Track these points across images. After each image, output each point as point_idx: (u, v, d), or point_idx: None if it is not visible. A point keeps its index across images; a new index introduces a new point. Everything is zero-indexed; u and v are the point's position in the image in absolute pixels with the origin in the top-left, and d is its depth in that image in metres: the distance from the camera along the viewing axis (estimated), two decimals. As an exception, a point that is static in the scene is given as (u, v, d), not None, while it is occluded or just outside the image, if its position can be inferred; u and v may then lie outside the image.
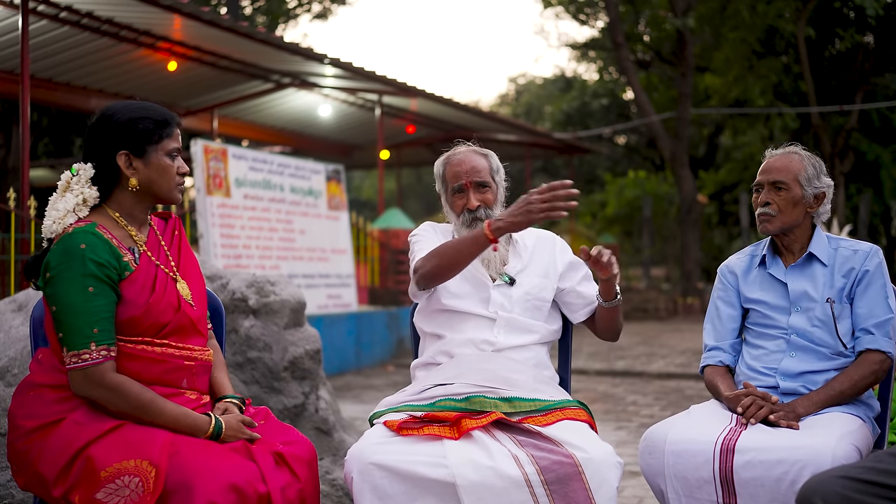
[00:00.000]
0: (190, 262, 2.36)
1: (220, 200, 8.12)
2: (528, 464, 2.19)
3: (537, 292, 2.70)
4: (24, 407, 2.14)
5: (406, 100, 12.79)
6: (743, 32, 16.63)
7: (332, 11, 20.12)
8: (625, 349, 10.84)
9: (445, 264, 2.53)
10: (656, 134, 17.88)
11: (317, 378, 3.95)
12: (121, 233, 2.22)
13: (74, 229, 2.12)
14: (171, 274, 2.27)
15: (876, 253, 2.62)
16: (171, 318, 2.20)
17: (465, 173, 2.71)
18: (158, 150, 2.22)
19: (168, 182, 2.25)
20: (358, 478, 2.22)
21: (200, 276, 2.39)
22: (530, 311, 2.68)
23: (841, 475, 1.87)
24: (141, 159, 2.21)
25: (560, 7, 23.34)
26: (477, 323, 2.64)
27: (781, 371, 2.59)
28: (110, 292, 2.11)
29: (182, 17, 8.60)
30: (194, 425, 2.13)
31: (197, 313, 2.29)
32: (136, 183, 2.21)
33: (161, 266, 2.25)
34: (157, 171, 2.23)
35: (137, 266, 2.19)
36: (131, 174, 2.21)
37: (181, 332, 2.23)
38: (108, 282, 2.10)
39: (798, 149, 2.71)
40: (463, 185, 2.71)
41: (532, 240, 2.80)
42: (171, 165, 2.24)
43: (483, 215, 2.68)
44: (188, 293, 2.29)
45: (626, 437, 5.43)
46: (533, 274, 2.72)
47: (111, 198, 2.24)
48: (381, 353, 9.90)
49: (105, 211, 2.23)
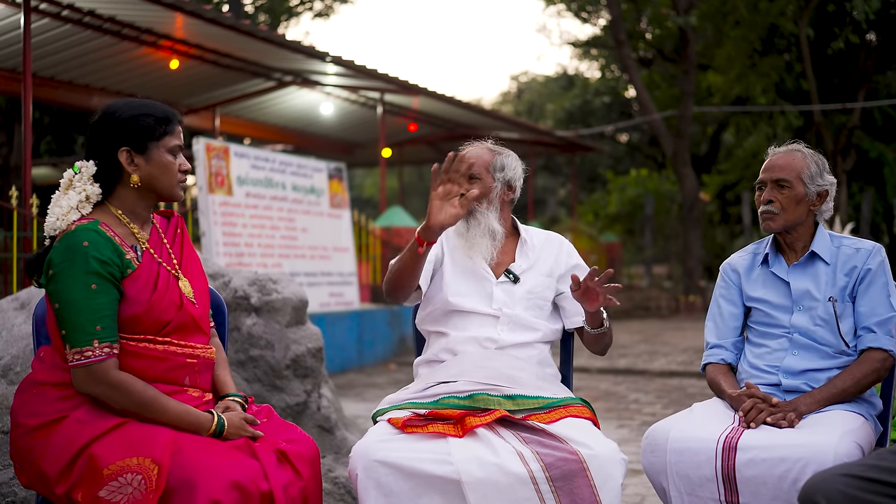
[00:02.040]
0: (192, 261, 2.36)
1: (222, 199, 8.12)
2: (532, 461, 2.20)
3: (540, 291, 2.70)
4: (27, 405, 2.14)
5: (408, 98, 12.78)
6: (745, 30, 16.61)
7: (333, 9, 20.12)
8: (626, 347, 10.84)
9: (393, 277, 2.53)
10: (658, 132, 17.86)
11: (319, 376, 3.95)
12: (123, 230, 2.22)
13: (77, 227, 2.13)
14: (174, 272, 2.27)
15: (878, 251, 2.62)
16: (173, 316, 2.20)
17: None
18: (160, 146, 2.22)
19: (170, 179, 2.25)
20: (363, 475, 2.22)
21: (203, 275, 2.39)
22: (532, 310, 2.68)
23: (843, 473, 1.86)
24: (142, 156, 2.21)
25: (562, 5, 23.30)
26: (480, 321, 2.64)
27: (784, 369, 2.58)
28: (113, 290, 2.11)
29: (184, 16, 8.60)
30: (197, 423, 2.14)
31: (199, 311, 2.29)
32: (138, 179, 2.21)
33: (163, 264, 2.25)
34: (159, 167, 2.23)
35: (140, 264, 2.20)
36: (133, 171, 2.21)
37: (183, 330, 2.23)
38: (110, 279, 2.10)
39: (801, 146, 2.70)
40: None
41: (540, 239, 2.80)
42: (172, 162, 2.24)
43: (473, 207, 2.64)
44: (190, 291, 2.29)
45: (628, 436, 5.42)
46: (538, 273, 2.71)
47: (113, 195, 2.24)
48: (383, 352, 9.90)
49: (107, 208, 2.24)
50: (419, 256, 2.44)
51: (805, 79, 17.24)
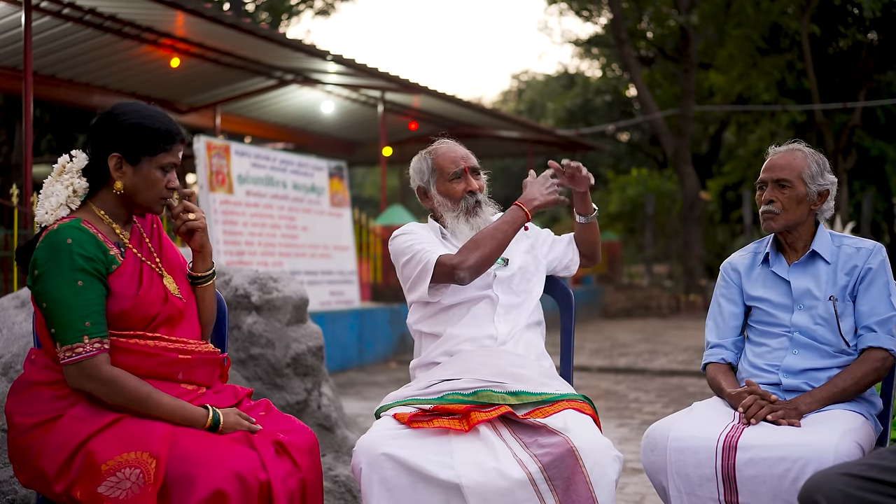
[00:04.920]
0: (173, 257, 2.36)
1: (222, 197, 8.13)
2: (530, 463, 2.21)
3: (526, 266, 2.80)
4: (22, 405, 2.14)
5: (409, 96, 12.78)
6: (746, 29, 16.61)
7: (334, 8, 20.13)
8: (627, 346, 10.84)
9: (491, 250, 2.60)
10: (659, 131, 17.85)
11: (319, 374, 3.95)
12: (105, 228, 2.23)
13: (59, 225, 2.13)
14: (157, 269, 2.28)
15: (879, 251, 2.62)
16: (159, 309, 2.21)
17: (461, 158, 2.78)
18: (153, 162, 2.21)
19: (153, 194, 2.23)
20: (367, 469, 2.23)
21: (185, 269, 2.39)
22: (523, 283, 2.78)
23: (843, 472, 1.86)
24: (133, 166, 2.20)
25: (563, 3, 23.30)
26: (476, 318, 2.65)
27: (784, 368, 2.58)
28: (99, 285, 2.11)
29: (185, 14, 8.59)
30: (191, 418, 2.14)
31: (185, 305, 2.29)
32: (121, 187, 2.20)
33: (146, 261, 2.26)
34: (145, 181, 2.21)
35: (124, 259, 2.20)
36: (118, 177, 2.20)
37: (171, 323, 2.24)
38: (96, 275, 2.10)
39: (802, 146, 2.70)
40: (462, 169, 2.76)
41: None
42: (160, 179, 2.23)
43: (483, 200, 2.78)
44: (175, 287, 2.29)
45: (628, 434, 5.42)
46: (520, 251, 2.80)
47: (97, 196, 2.24)
48: (383, 350, 9.90)
49: (90, 208, 2.24)
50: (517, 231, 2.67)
51: (806, 78, 17.23)
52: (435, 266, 2.59)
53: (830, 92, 17.86)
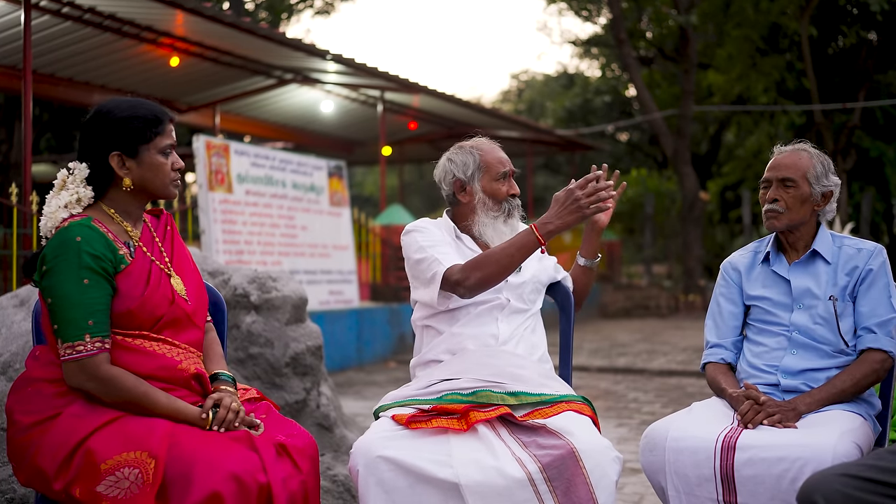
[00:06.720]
0: (183, 258, 2.36)
1: (222, 196, 8.12)
2: (530, 462, 2.21)
3: (538, 275, 2.79)
4: (22, 402, 2.14)
5: (408, 96, 12.78)
6: (746, 29, 16.60)
7: (334, 7, 20.12)
8: (626, 346, 10.84)
9: (493, 274, 2.51)
10: (658, 131, 17.85)
11: (318, 374, 3.95)
12: (116, 227, 2.23)
13: (70, 223, 2.13)
14: (165, 269, 2.27)
15: (880, 252, 2.62)
16: (165, 311, 2.21)
17: (507, 160, 2.77)
18: (150, 148, 2.21)
19: (162, 179, 2.24)
20: (364, 471, 2.22)
21: (195, 272, 2.38)
22: (533, 294, 2.77)
23: (842, 473, 1.86)
24: (134, 159, 2.20)
25: (563, 3, 23.30)
26: (480, 317, 2.65)
27: (782, 368, 2.58)
28: (106, 285, 2.11)
29: (184, 13, 8.59)
30: (187, 421, 2.13)
31: (191, 308, 2.29)
32: (130, 182, 2.21)
33: (155, 261, 2.26)
34: (151, 169, 2.22)
35: (133, 259, 2.20)
36: (125, 174, 2.21)
37: (176, 325, 2.23)
38: (103, 274, 2.11)
39: (807, 146, 2.71)
40: (508, 171, 2.74)
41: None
42: (164, 163, 2.24)
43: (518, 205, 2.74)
44: (182, 289, 2.29)
45: (627, 434, 5.42)
46: (533, 259, 2.76)
47: (106, 196, 2.24)
48: (382, 350, 9.90)
49: (100, 207, 2.24)
50: (529, 255, 2.52)
51: (806, 78, 17.23)
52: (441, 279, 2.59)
53: (830, 92, 17.86)
